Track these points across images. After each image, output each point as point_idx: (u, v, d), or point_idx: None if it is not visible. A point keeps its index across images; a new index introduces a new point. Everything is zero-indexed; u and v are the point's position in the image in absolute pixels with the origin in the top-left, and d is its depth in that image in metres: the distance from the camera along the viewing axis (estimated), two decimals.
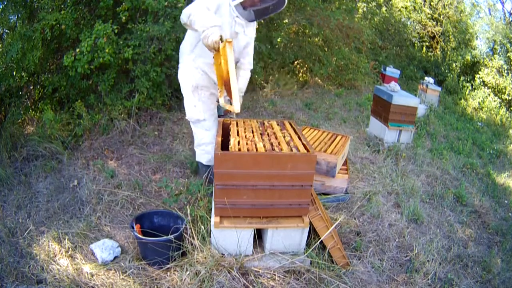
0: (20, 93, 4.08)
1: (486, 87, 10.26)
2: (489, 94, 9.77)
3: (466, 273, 2.61)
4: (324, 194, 3.15)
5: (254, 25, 2.71)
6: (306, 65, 7.82)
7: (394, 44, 11.54)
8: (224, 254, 2.18)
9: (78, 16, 3.99)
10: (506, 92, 10.06)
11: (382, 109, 4.73)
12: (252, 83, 6.25)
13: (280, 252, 2.23)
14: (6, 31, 4.11)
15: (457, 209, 3.51)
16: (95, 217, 2.67)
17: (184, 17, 2.33)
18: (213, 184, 2.12)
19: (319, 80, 8.12)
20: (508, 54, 10.78)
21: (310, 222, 2.21)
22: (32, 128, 3.89)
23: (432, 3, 11.86)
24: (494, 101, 9.38)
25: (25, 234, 2.45)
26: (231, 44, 2.11)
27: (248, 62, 2.86)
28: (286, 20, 6.88)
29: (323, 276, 2.17)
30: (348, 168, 3.34)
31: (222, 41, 2.15)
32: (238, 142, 2.13)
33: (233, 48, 2.29)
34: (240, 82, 2.83)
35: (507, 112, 9.11)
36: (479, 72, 10.68)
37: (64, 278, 2.08)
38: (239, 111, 2.22)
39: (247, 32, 2.64)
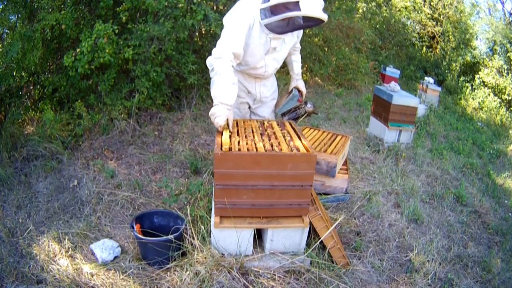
0: (20, 93, 4.08)
1: (486, 87, 10.26)
2: (489, 94, 9.77)
3: (466, 273, 2.61)
4: (324, 194, 3.15)
5: (294, 33, 2.51)
6: (306, 65, 7.82)
7: (394, 44, 11.53)
8: (224, 254, 2.18)
9: (78, 16, 3.99)
10: (506, 92, 10.06)
11: (382, 109, 4.74)
12: None
13: (280, 252, 2.23)
14: (6, 31, 4.11)
15: (457, 209, 3.51)
16: (95, 217, 2.67)
17: (208, 65, 2.17)
18: (214, 183, 2.12)
19: (319, 80, 8.12)
20: (508, 54, 10.79)
21: (310, 222, 2.21)
22: (32, 128, 3.89)
23: (432, 3, 11.86)
24: (494, 101, 9.38)
25: (25, 234, 2.45)
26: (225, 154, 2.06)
27: (297, 47, 2.80)
28: None
29: (323, 276, 2.17)
30: (348, 168, 3.34)
31: (228, 126, 2.13)
32: (238, 142, 2.13)
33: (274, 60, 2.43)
34: (296, 68, 2.83)
35: (507, 112, 9.12)
36: (479, 72, 10.69)
37: (64, 278, 2.08)
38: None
39: (287, 41, 2.47)
